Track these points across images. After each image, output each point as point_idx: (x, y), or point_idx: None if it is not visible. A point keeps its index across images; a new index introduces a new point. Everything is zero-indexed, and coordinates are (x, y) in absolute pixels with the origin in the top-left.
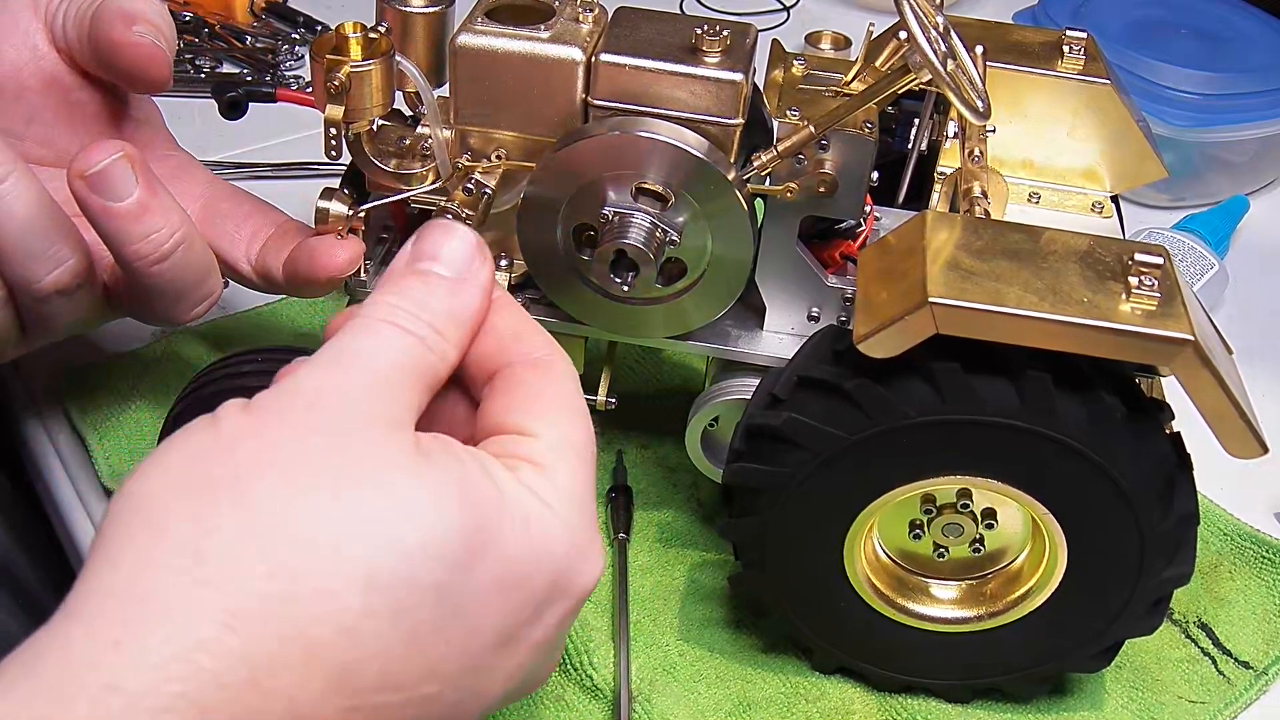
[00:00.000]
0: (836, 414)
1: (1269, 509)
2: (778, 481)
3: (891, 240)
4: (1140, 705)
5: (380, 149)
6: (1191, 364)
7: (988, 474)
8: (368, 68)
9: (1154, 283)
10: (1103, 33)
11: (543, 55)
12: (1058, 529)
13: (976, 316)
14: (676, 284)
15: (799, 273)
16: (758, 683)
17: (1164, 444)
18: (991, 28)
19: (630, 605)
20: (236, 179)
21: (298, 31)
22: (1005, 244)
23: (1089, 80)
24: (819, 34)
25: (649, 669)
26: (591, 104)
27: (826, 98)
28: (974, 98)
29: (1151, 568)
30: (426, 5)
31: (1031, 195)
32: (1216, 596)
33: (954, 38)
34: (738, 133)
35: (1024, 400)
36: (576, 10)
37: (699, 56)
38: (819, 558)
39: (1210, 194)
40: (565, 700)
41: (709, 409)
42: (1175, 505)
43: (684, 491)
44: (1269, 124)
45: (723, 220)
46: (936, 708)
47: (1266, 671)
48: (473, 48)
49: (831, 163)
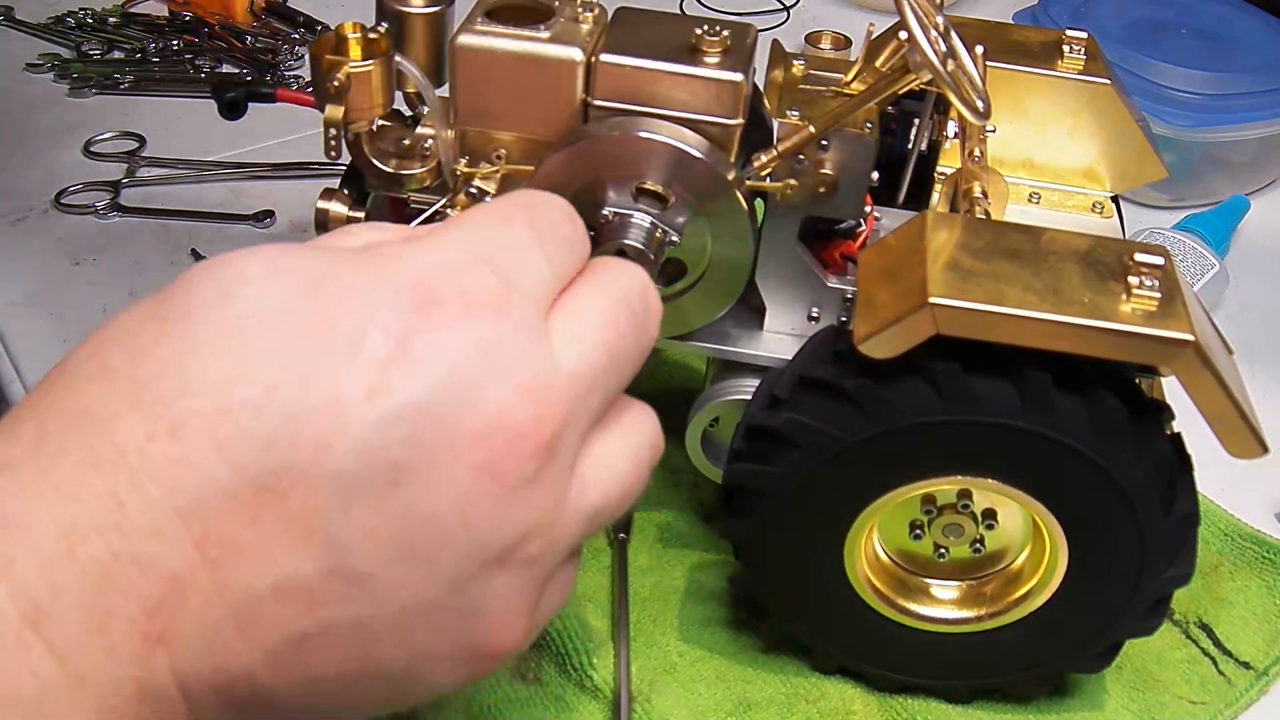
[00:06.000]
0: (837, 414)
1: (1269, 509)
2: (778, 481)
3: (892, 241)
4: (1141, 706)
5: (380, 149)
6: (1192, 364)
7: (988, 475)
8: (367, 68)
9: (1154, 283)
10: (1103, 33)
11: (543, 55)
12: (1058, 529)
13: (977, 317)
14: (676, 284)
15: (799, 273)
16: (758, 683)
17: (1164, 444)
18: (991, 28)
19: (630, 605)
20: (236, 179)
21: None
22: (1005, 244)
23: (1089, 80)
24: (819, 34)
25: (649, 669)
26: (591, 104)
27: (826, 98)
28: (974, 98)
29: (1152, 568)
30: (426, 5)
31: (1031, 195)
32: (1217, 597)
33: (954, 38)
34: (738, 133)
35: (1024, 401)
36: (576, 10)
37: (699, 57)
38: (819, 558)
39: (1210, 194)
40: (565, 700)
41: (709, 409)
42: (1176, 506)
43: (684, 491)
44: (1269, 124)
45: (723, 220)
46: (936, 708)
47: (1267, 672)
48: (473, 48)
49: (831, 163)
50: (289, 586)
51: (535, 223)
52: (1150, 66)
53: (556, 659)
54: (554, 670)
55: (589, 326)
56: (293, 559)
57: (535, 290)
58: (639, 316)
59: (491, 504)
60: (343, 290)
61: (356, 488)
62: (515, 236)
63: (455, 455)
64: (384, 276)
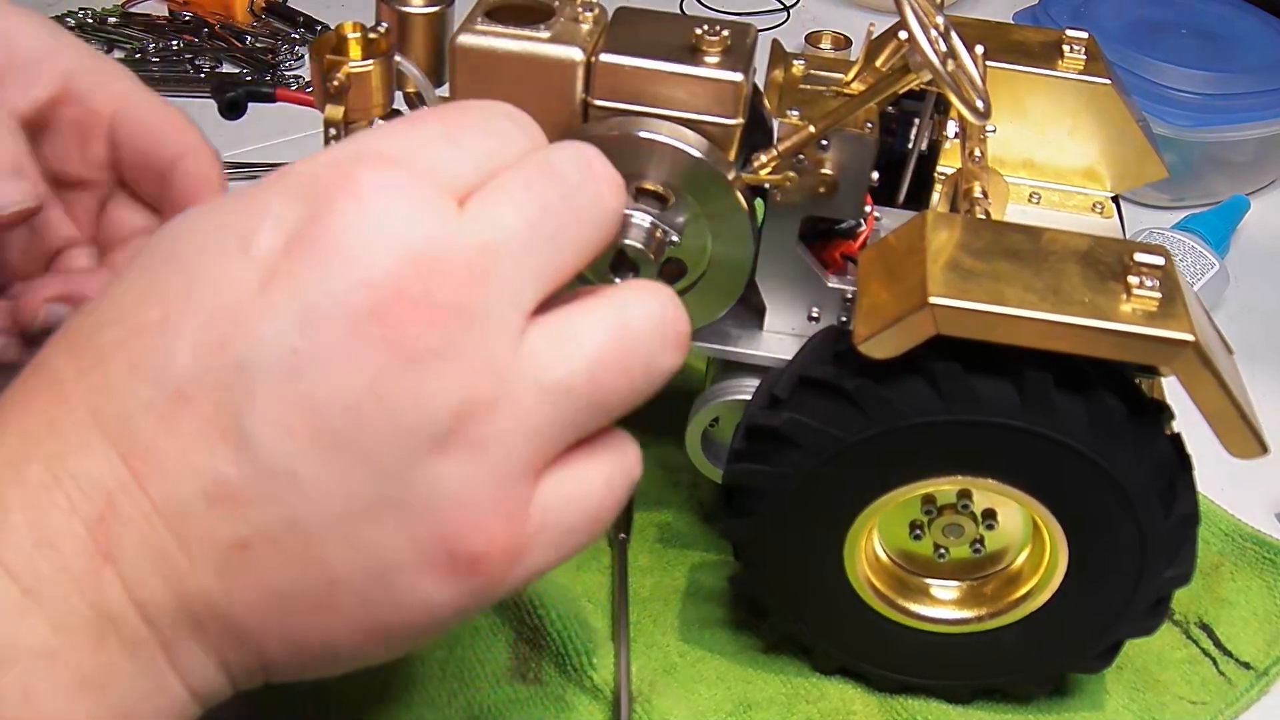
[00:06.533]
0: (837, 414)
1: (1269, 509)
2: (778, 481)
3: (892, 241)
4: (1141, 706)
5: None
6: (1192, 365)
7: (988, 475)
8: (367, 68)
9: (1155, 283)
10: (1103, 32)
11: (543, 55)
12: (1058, 530)
13: (977, 317)
14: (676, 284)
15: (799, 273)
16: (758, 683)
17: (1164, 444)
18: (991, 28)
19: (630, 605)
20: (236, 179)
21: (298, 31)
22: (1006, 244)
23: (1089, 80)
24: (819, 34)
25: (649, 669)
26: (591, 104)
27: (827, 98)
28: (974, 98)
29: (1152, 568)
30: (426, 5)
31: (1032, 195)
32: (1217, 597)
33: (954, 38)
34: (738, 133)
35: (1024, 401)
36: (576, 10)
37: (699, 56)
38: (819, 558)
39: (1210, 194)
40: (565, 700)
41: (709, 409)
42: (1176, 506)
43: (684, 491)
44: (1269, 124)
45: (723, 220)
46: (937, 708)
47: (1267, 672)
48: (473, 48)
49: (832, 163)
50: (215, 492)
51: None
52: (1150, 66)
53: (556, 659)
54: (554, 670)
55: (505, 196)
56: (212, 462)
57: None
58: (573, 181)
59: (402, 379)
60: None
61: (260, 381)
62: (421, 132)
63: (352, 334)
64: (277, 181)
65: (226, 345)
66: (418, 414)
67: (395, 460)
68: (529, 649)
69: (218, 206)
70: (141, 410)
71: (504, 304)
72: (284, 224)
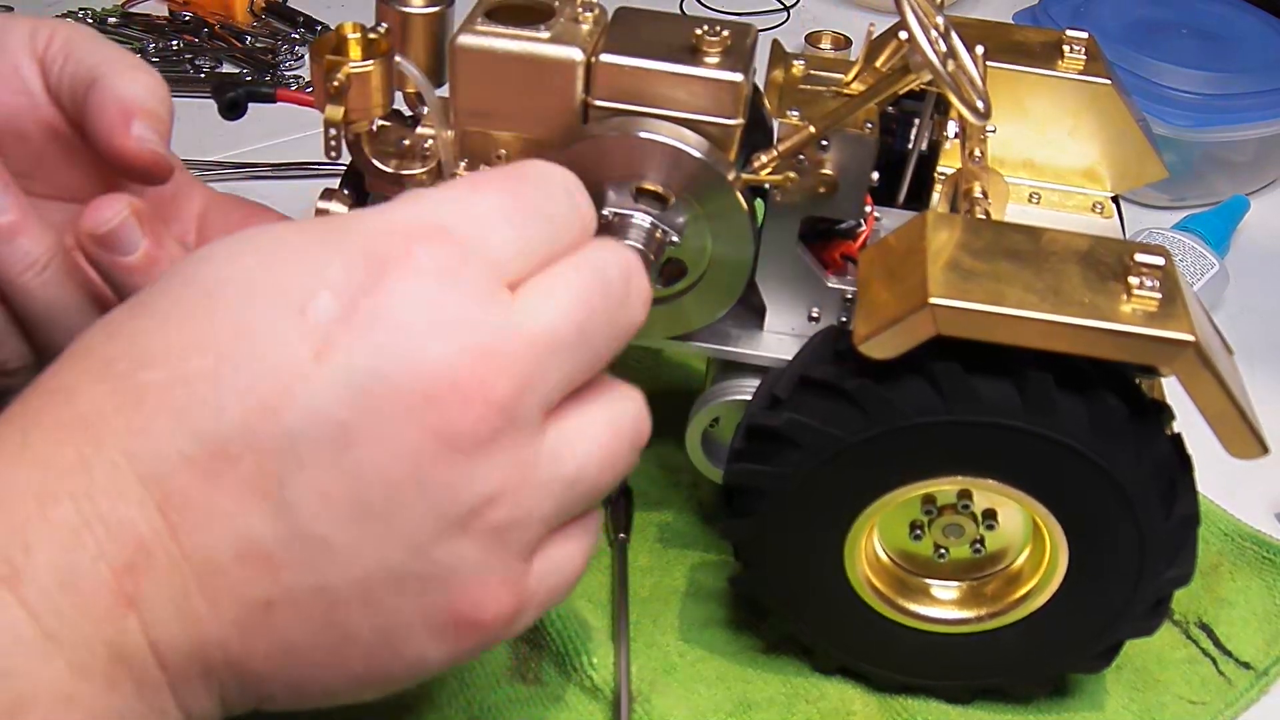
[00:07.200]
0: (837, 414)
1: (1269, 509)
2: (778, 481)
3: (892, 241)
4: (1141, 706)
5: (380, 149)
6: (1192, 365)
7: (988, 475)
8: (367, 68)
9: (1155, 283)
10: (1103, 33)
11: (543, 55)
12: (1058, 530)
13: (977, 317)
14: (676, 284)
15: (799, 273)
16: (758, 683)
17: (1165, 445)
18: (991, 28)
19: (630, 605)
20: (236, 179)
21: (298, 31)
22: (1006, 244)
23: (1089, 80)
24: (819, 34)
25: (649, 669)
26: (591, 104)
27: (826, 98)
28: (974, 98)
29: (1152, 568)
30: (426, 5)
31: (1032, 195)
32: (1217, 597)
33: (954, 38)
34: (738, 133)
35: (1025, 401)
36: (576, 10)
37: (699, 57)
38: (819, 558)
39: (1210, 194)
40: (565, 700)
41: (709, 409)
42: (1176, 506)
43: (684, 491)
44: (1269, 124)
45: (723, 221)
46: (937, 708)
47: (1267, 672)
48: (473, 48)
49: (831, 163)
50: (248, 551)
51: (509, 191)
52: (1150, 66)
53: (556, 659)
54: (554, 670)
55: (556, 296)
56: (249, 522)
57: (496, 256)
58: (616, 293)
59: (444, 466)
60: (297, 257)
61: (307, 449)
62: (481, 204)
63: (404, 417)
64: (337, 241)
65: (277, 410)
66: (452, 498)
67: (424, 537)
68: (529, 649)
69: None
70: (183, 462)
71: (538, 404)
72: (342, 291)
